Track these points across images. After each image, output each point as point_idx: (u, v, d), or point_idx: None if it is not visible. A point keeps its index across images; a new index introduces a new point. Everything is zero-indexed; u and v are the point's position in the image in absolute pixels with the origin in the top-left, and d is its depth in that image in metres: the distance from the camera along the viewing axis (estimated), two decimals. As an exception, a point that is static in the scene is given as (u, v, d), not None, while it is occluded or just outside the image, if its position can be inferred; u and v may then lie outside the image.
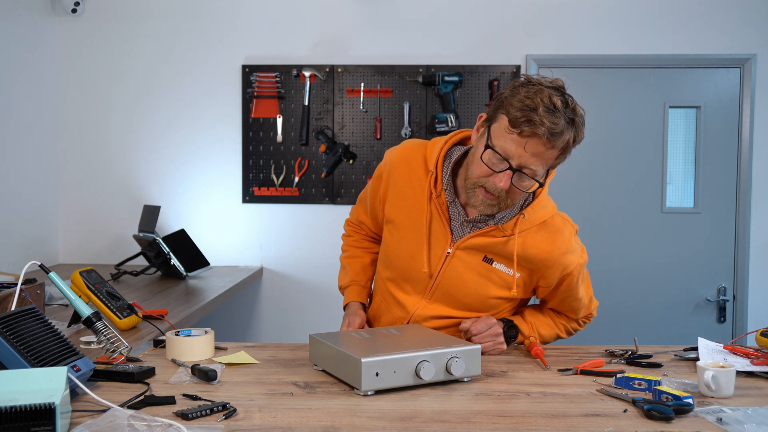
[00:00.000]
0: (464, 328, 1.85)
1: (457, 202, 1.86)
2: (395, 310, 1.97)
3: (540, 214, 1.84)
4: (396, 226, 1.94)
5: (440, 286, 1.89)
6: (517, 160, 1.68)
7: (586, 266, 1.94)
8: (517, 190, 1.72)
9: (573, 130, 1.69)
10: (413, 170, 1.90)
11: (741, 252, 3.98)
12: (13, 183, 3.67)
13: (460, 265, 1.86)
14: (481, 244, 1.84)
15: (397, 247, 1.93)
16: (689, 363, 1.82)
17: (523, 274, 1.87)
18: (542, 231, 1.84)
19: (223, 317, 4.03)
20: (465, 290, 1.87)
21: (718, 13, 3.95)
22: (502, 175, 1.69)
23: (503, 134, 1.67)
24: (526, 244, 1.83)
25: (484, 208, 1.77)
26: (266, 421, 1.38)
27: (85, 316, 1.81)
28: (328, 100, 4.02)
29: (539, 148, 1.66)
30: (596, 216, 4.02)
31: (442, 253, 1.87)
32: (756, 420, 1.37)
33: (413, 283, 1.92)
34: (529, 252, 1.83)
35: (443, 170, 1.86)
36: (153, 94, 4.08)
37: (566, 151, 1.72)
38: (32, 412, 1.21)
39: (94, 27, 4.07)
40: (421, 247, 1.88)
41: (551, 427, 1.36)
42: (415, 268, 1.89)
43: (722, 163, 3.99)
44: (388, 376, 1.53)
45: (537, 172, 1.70)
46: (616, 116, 4.00)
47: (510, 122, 1.66)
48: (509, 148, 1.67)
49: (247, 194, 4.06)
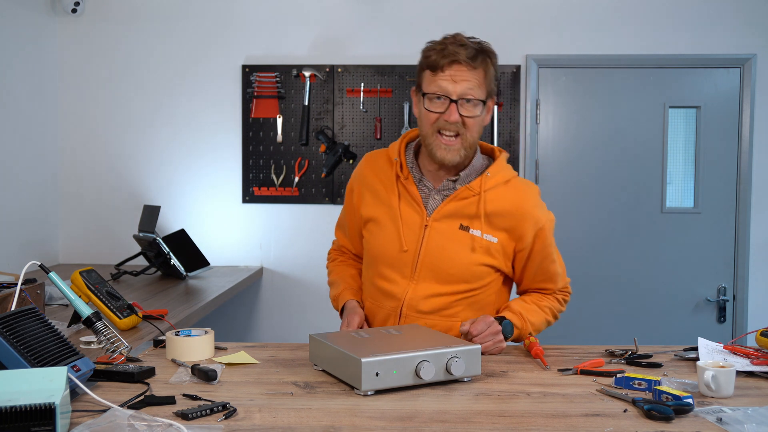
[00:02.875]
0: (464, 330, 1.86)
1: (425, 179, 1.95)
2: (386, 303, 1.98)
3: (502, 173, 1.94)
4: (374, 222, 2.01)
5: (424, 263, 1.92)
6: (454, 92, 1.82)
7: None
8: (469, 119, 1.84)
9: (485, 51, 1.85)
10: (380, 168, 2.02)
11: (741, 252, 3.97)
12: (13, 183, 3.67)
13: (437, 236, 1.91)
14: (454, 210, 1.91)
15: (377, 239, 1.99)
16: (689, 363, 1.82)
17: (501, 237, 1.92)
18: (509, 189, 1.94)
19: (223, 317, 4.03)
20: (448, 260, 1.91)
21: (718, 13, 3.95)
22: (449, 110, 1.82)
23: (432, 80, 1.84)
24: (496, 200, 1.91)
25: (448, 154, 1.86)
26: (266, 421, 1.38)
27: (85, 316, 1.81)
28: (328, 100, 4.02)
29: (465, 73, 1.81)
30: (596, 216, 4.02)
31: (419, 230, 1.93)
32: (756, 420, 1.37)
33: (397, 268, 1.95)
34: (501, 207, 1.91)
35: (406, 156, 1.98)
36: (153, 94, 4.08)
37: (488, 71, 1.85)
38: (32, 412, 1.21)
39: (94, 27, 4.07)
40: (397, 228, 1.94)
41: (551, 427, 1.36)
42: (395, 250, 1.94)
43: (722, 163, 3.99)
44: (388, 376, 1.53)
45: (476, 94, 1.83)
46: (616, 116, 4.00)
47: (430, 68, 1.84)
48: (442, 85, 1.82)
49: (247, 194, 4.06)
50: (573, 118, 4.01)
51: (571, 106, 4.02)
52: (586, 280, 4.00)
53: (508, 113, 3.99)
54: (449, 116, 1.82)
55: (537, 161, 4.00)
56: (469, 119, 1.84)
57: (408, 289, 1.94)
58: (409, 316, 1.94)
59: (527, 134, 3.98)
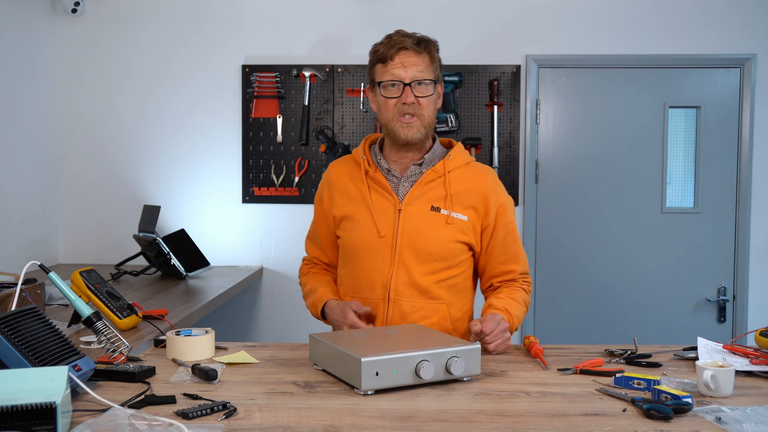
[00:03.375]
0: (476, 330, 1.87)
1: (392, 170, 2.06)
2: (372, 292, 2.01)
3: (462, 156, 2.09)
4: (348, 219, 2.07)
5: (403, 245, 2.00)
6: (406, 76, 1.97)
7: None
8: (423, 99, 1.98)
9: (428, 40, 2.03)
10: (347, 170, 2.13)
11: (741, 252, 3.98)
12: (13, 183, 3.68)
13: (411, 218, 2.01)
14: (423, 192, 2.03)
15: (352, 233, 2.06)
16: (688, 362, 1.82)
17: (470, 215, 2.03)
18: (470, 170, 2.08)
19: (223, 317, 4.03)
20: (425, 239, 1.99)
21: (718, 13, 3.95)
22: (405, 93, 1.97)
23: (384, 71, 1.99)
24: (460, 180, 2.04)
25: (410, 132, 1.98)
26: (266, 421, 1.38)
27: (86, 316, 1.81)
28: (328, 100, 4.03)
29: (413, 58, 1.97)
30: (596, 216, 4.02)
31: (393, 215, 2.02)
32: (755, 419, 1.37)
33: (377, 255, 2.01)
34: (465, 186, 2.04)
35: (371, 153, 2.11)
36: (153, 94, 4.08)
37: (434, 56, 2.01)
38: (33, 412, 1.21)
39: (94, 27, 4.07)
40: (371, 216, 2.02)
41: (551, 426, 1.36)
42: (372, 237, 2.02)
43: (722, 163, 3.99)
44: (388, 376, 1.53)
45: (426, 75, 1.99)
46: (616, 116, 4.00)
47: (381, 61, 1.99)
48: (394, 72, 1.97)
49: (247, 194, 4.07)
50: (573, 118, 4.02)
51: (571, 106, 4.02)
52: (585, 280, 4.00)
53: (508, 113, 3.99)
54: (405, 98, 1.96)
55: (537, 161, 4.00)
56: (423, 99, 1.98)
57: (391, 273, 2.00)
58: (397, 301, 1.99)
59: (527, 134, 3.98)
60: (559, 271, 4.01)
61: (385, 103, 2.00)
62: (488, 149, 3.97)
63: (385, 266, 2.01)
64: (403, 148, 2.04)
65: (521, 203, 4.00)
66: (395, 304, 1.99)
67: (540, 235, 4.01)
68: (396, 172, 2.06)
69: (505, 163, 3.98)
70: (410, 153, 2.06)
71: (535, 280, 3.98)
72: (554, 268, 4.01)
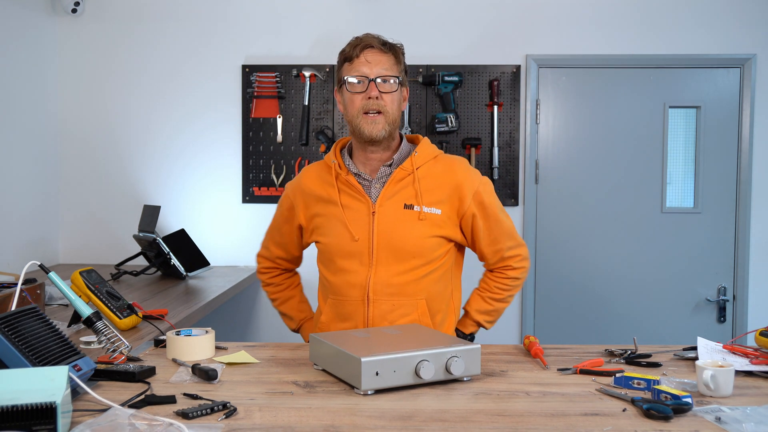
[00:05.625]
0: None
1: (363, 173, 2.07)
2: (351, 293, 2.03)
3: (428, 150, 2.09)
4: (322, 225, 2.09)
5: (379, 246, 2.01)
6: (371, 72, 2.00)
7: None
8: (387, 95, 2.00)
9: (394, 44, 2.06)
10: (317, 175, 2.13)
11: (741, 252, 3.98)
12: (13, 183, 3.68)
13: (386, 219, 2.02)
14: (395, 192, 2.03)
15: (328, 237, 2.07)
16: (688, 362, 1.82)
17: (444, 208, 2.03)
18: (438, 162, 2.08)
19: (223, 317, 4.03)
20: (401, 238, 2.01)
21: (718, 13, 3.95)
22: (369, 88, 1.99)
23: (350, 68, 2.02)
24: (429, 175, 2.05)
25: (374, 129, 1.99)
26: (266, 421, 1.38)
27: (86, 316, 1.81)
28: (328, 100, 4.03)
29: (379, 56, 2.01)
30: (596, 216, 4.02)
31: (367, 218, 2.03)
32: (754, 419, 1.37)
33: (355, 257, 2.03)
34: (435, 180, 2.04)
35: (342, 158, 2.11)
36: (153, 94, 4.08)
37: (399, 59, 2.05)
38: (33, 411, 1.21)
39: (94, 27, 4.07)
40: (343, 221, 2.03)
41: (550, 426, 1.36)
42: (347, 241, 2.03)
43: (722, 163, 3.99)
44: (388, 376, 1.54)
45: (391, 72, 2.01)
46: (616, 116, 4.00)
47: (347, 60, 2.03)
48: (360, 69, 2.00)
49: (247, 194, 4.07)
50: (573, 118, 4.02)
51: (571, 106, 4.02)
52: (585, 280, 4.00)
53: (508, 113, 3.99)
54: (370, 92, 1.99)
55: (537, 161, 4.00)
56: (387, 95, 2.00)
57: (369, 274, 2.01)
58: (376, 301, 2.01)
59: (527, 134, 3.98)
60: (559, 271, 4.01)
61: (351, 99, 2.02)
62: (488, 149, 3.97)
63: (363, 268, 2.02)
64: (370, 147, 2.05)
65: (521, 203, 4.00)
66: (375, 304, 2.01)
67: (540, 235, 4.01)
68: (366, 174, 2.07)
69: (505, 163, 3.98)
70: (377, 153, 2.06)
71: (535, 280, 3.98)
72: (554, 268, 4.00)
